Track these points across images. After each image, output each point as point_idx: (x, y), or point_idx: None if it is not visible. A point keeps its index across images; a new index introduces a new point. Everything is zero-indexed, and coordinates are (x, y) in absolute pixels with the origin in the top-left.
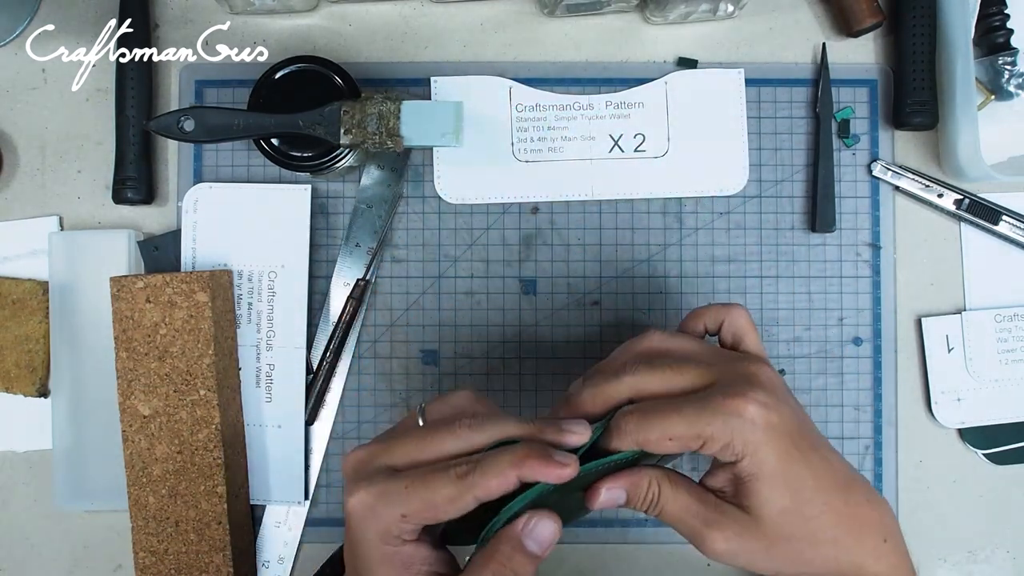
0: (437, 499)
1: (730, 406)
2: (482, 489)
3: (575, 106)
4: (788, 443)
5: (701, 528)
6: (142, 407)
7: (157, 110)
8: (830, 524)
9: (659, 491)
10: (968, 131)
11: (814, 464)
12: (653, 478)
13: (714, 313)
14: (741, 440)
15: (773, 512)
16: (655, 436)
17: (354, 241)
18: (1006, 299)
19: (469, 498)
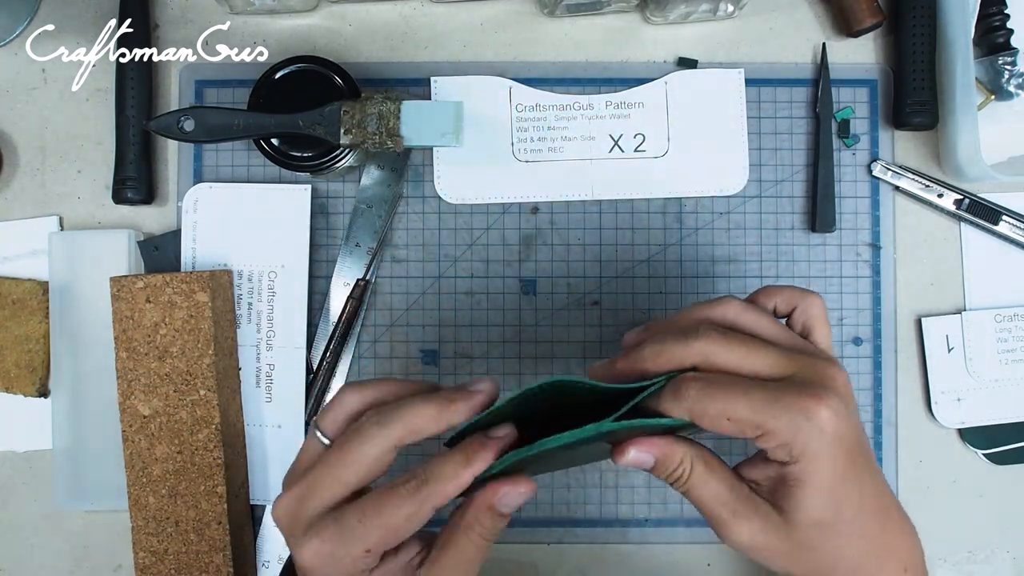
0: (396, 521)
1: (803, 405)
2: (440, 497)
3: (575, 106)
4: (847, 459)
5: (728, 517)
6: (142, 407)
7: (157, 110)
8: (859, 548)
9: (690, 469)
10: (968, 131)
11: (864, 485)
12: (688, 454)
13: (788, 296)
14: (803, 443)
15: (809, 522)
16: (714, 411)
17: (354, 241)
18: (1006, 299)
19: (428, 509)
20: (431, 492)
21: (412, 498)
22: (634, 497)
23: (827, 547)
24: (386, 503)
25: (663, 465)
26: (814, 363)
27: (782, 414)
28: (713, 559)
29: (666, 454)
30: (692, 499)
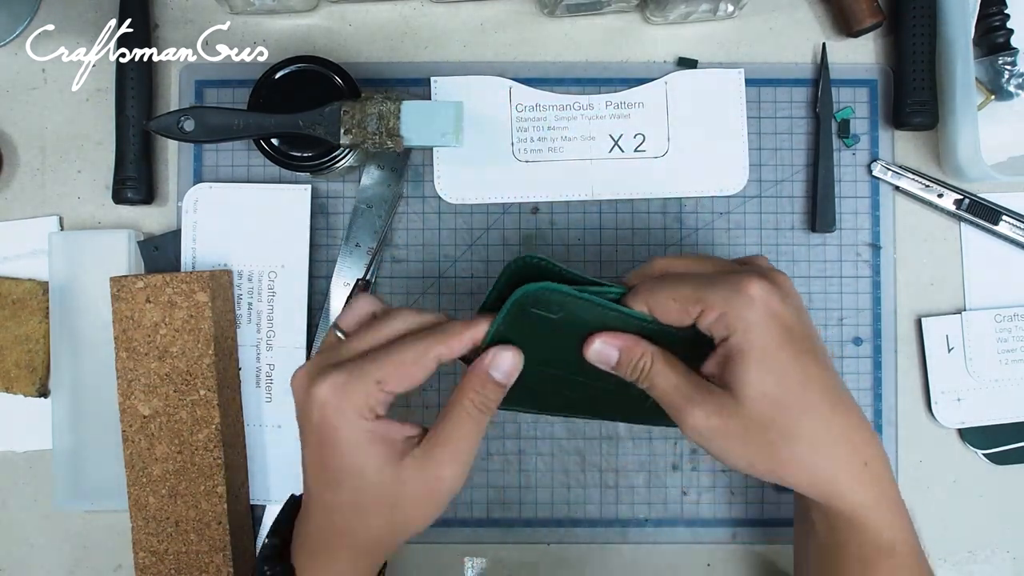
0: (405, 359)
1: (735, 281)
2: (444, 347)
3: (575, 106)
4: (784, 334)
5: (683, 403)
6: (142, 407)
7: (157, 110)
8: (809, 424)
9: (650, 363)
10: (968, 131)
11: (807, 365)
12: (648, 350)
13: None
14: (737, 314)
15: (754, 393)
16: (662, 296)
17: (354, 241)
18: (1006, 299)
19: (432, 356)
20: (435, 340)
21: (419, 344)
22: (634, 497)
23: (778, 422)
24: (396, 345)
25: (627, 358)
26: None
27: (718, 289)
28: (713, 559)
29: (629, 347)
30: (654, 391)
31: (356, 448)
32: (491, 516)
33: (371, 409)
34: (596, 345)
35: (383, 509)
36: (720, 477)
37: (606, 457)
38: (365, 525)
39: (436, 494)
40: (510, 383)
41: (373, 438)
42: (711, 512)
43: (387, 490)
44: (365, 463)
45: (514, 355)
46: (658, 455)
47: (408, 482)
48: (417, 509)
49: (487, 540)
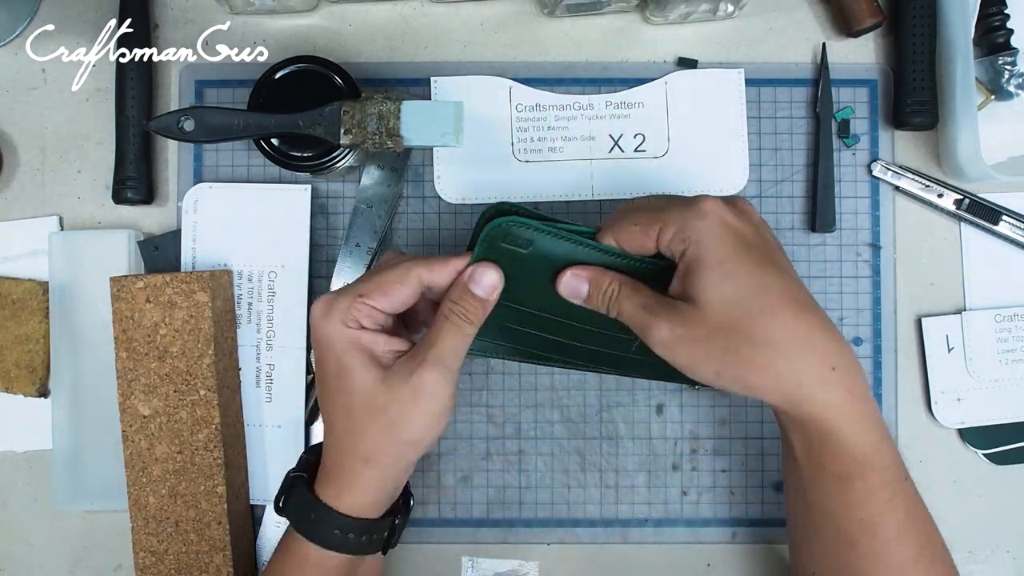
0: (388, 277)
1: (691, 201)
2: (426, 269)
3: (575, 106)
4: (740, 244)
5: (649, 319)
6: (142, 407)
7: (157, 110)
8: (772, 328)
9: (618, 290)
10: (968, 131)
11: (766, 273)
12: (614, 278)
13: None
14: (693, 227)
15: (714, 299)
16: (627, 223)
17: (354, 241)
18: (1006, 299)
19: (414, 275)
20: (417, 263)
21: (401, 265)
22: (634, 497)
23: (740, 325)
24: (380, 268)
25: (595, 287)
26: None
27: (674, 209)
28: (713, 559)
29: (597, 277)
30: (623, 314)
31: (341, 353)
32: (491, 516)
33: (354, 319)
34: (566, 278)
35: (374, 414)
36: (720, 477)
37: (606, 457)
38: (361, 432)
39: (422, 398)
40: (490, 299)
41: (356, 346)
42: (711, 512)
43: (373, 394)
44: (351, 367)
45: (495, 272)
46: (658, 455)
47: (394, 387)
48: (406, 416)
49: (487, 540)
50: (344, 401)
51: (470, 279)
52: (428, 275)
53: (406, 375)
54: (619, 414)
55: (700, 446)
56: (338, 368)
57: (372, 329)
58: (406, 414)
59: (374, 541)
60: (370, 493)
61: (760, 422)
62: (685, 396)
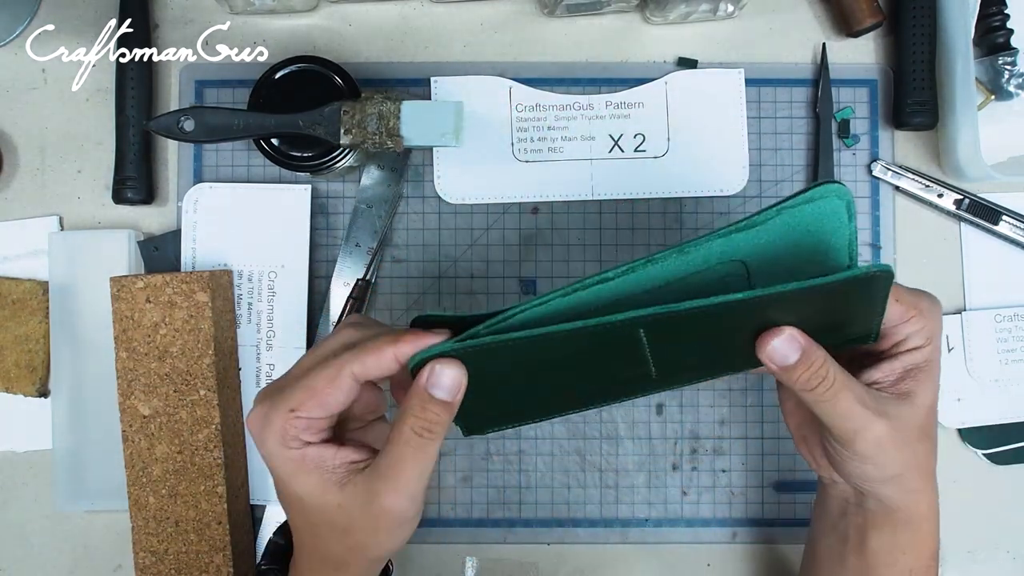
0: (317, 383)
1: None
2: (358, 364)
3: (575, 106)
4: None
5: (871, 416)
6: (142, 407)
7: (157, 110)
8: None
9: (833, 376)
10: (968, 131)
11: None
12: (827, 359)
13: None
14: (934, 325)
15: (928, 403)
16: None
17: (354, 241)
18: (1006, 299)
19: (346, 375)
20: (349, 358)
21: (332, 363)
22: (634, 497)
23: (931, 432)
24: (314, 369)
25: (806, 360)
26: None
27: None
28: (713, 559)
29: (811, 349)
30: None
31: (290, 476)
32: (491, 516)
33: (294, 437)
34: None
35: (335, 533)
36: (720, 477)
37: (606, 457)
38: (325, 546)
39: (387, 524)
40: (455, 400)
41: (303, 466)
42: (711, 512)
43: (332, 516)
44: (302, 491)
45: (455, 368)
46: (658, 455)
47: (353, 512)
48: (371, 536)
49: (487, 540)
50: (304, 519)
51: (428, 383)
52: (362, 371)
53: (365, 502)
54: (619, 414)
55: (700, 446)
56: (289, 492)
57: (317, 442)
58: (369, 538)
59: None
60: None
61: (760, 422)
62: (685, 396)
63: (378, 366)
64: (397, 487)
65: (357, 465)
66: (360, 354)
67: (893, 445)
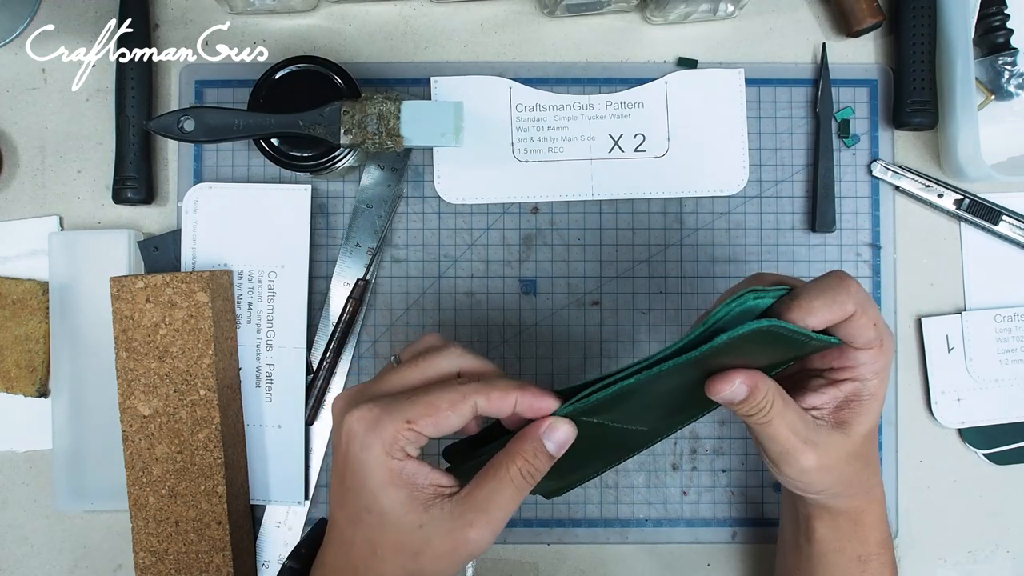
0: (440, 403)
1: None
2: (483, 398)
3: (575, 106)
4: None
5: (799, 445)
6: (142, 407)
7: (157, 110)
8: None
9: (772, 403)
10: (968, 131)
11: None
12: (771, 387)
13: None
14: (886, 362)
15: (864, 431)
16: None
17: (354, 241)
18: (1006, 299)
19: (470, 404)
20: (476, 389)
21: (458, 389)
22: (634, 497)
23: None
24: (435, 388)
25: (754, 395)
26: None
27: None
28: (713, 559)
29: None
30: (767, 432)
31: (379, 486)
32: None
33: (400, 448)
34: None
35: (401, 556)
36: (720, 477)
37: None
38: (379, 567)
39: (463, 554)
40: (558, 455)
41: (398, 479)
42: (711, 512)
43: (406, 537)
44: (387, 503)
45: (570, 428)
46: (658, 455)
47: (432, 536)
48: (437, 564)
49: None
50: (371, 536)
51: (545, 434)
52: (485, 406)
53: (449, 528)
54: None
55: (700, 446)
56: (370, 502)
57: (415, 457)
58: (440, 565)
59: None
60: None
61: None
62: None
63: (499, 408)
64: (489, 521)
65: (443, 490)
66: (486, 390)
67: (819, 470)
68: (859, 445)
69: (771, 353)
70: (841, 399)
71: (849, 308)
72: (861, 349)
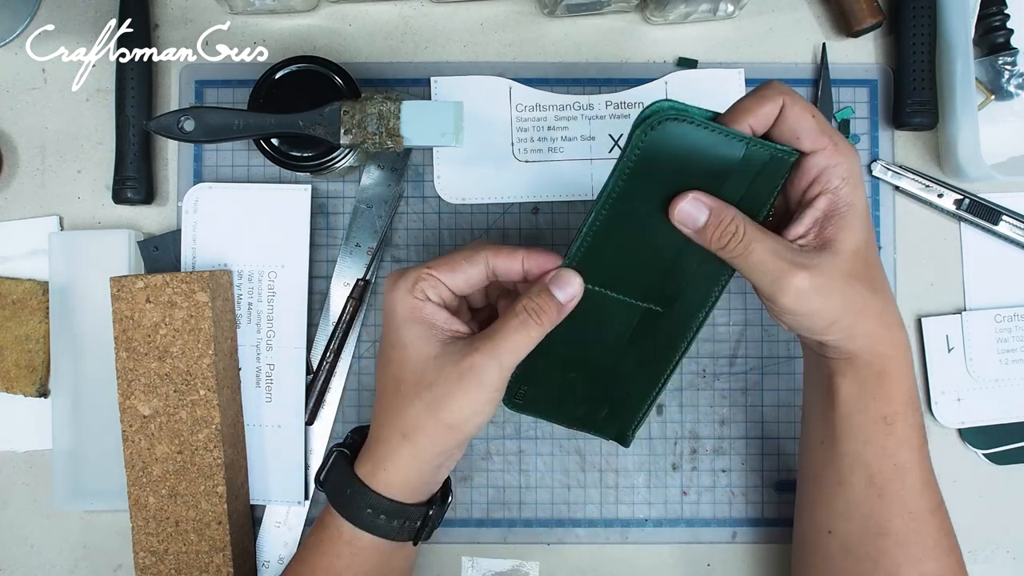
0: (456, 258)
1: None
2: (492, 253)
3: (575, 106)
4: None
5: (787, 268)
6: (142, 407)
7: (157, 110)
8: (881, 277)
9: (743, 230)
10: (968, 131)
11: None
12: (738, 215)
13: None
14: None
15: (851, 248)
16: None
17: (354, 241)
18: (1006, 299)
19: (481, 257)
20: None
21: (472, 246)
22: (634, 497)
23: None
24: (453, 251)
25: (716, 219)
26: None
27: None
28: (713, 559)
29: (720, 208)
30: (751, 262)
31: (402, 321)
32: (491, 516)
33: (420, 290)
34: (686, 202)
35: (418, 387)
36: (720, 477)
37: (606, 457)
38: (404, 406)
39: (469, 381)
40: (566, 308)
41: (419, 315)
42: (711, 512)
43: (423, 369)
44: (408, 337)
45: (578, 281)
46: (658, 455)
47: (444, 365)
48: (450, 396)
49: (487, 540)
50: (395, 372)
51: (553, 280)
52: (494, 259)
53: (458, 357)
54: None
55: (700, 446)
56: (396, 337)
57: (435, 302)
58: (450, 394)
59: (405, 528)
60: (404, 472)
61: (760, 422)
62: (685, 396)
63: (508, 265)
64: (492, 349)
65: (461, 334)
66: (496, 248)
67: (817, 293)
68: (851, 262)
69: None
70: (820, 218)
71: (777, 99)
72: (814, 152)
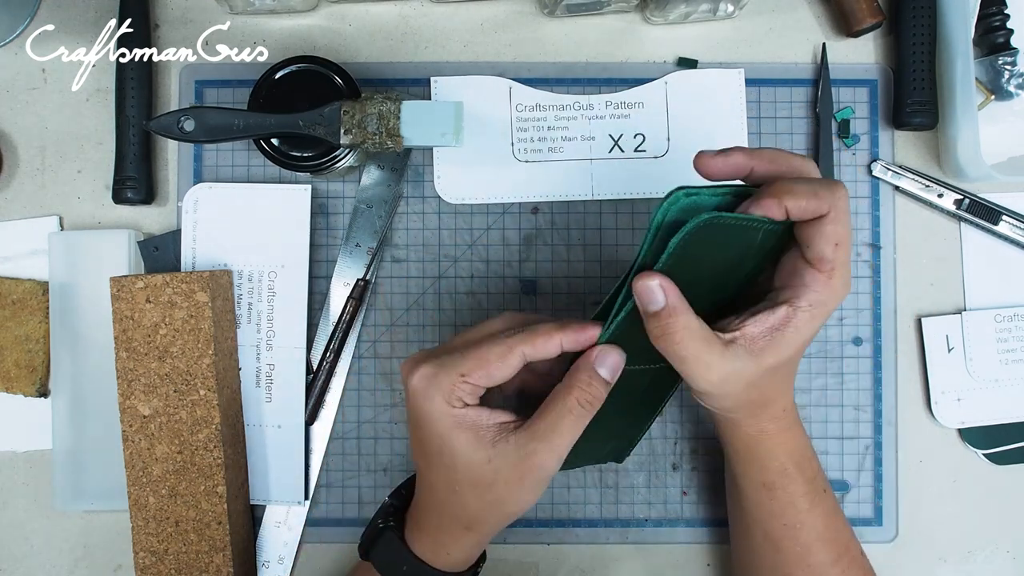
0: (490, 356)
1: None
2: (528, 346)
3: (575, 106)
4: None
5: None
6: (142, 407)
7: (157, 110)
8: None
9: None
10: (968, 131)
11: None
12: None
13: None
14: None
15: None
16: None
17: (354, 241)
18: (1006, 299)
19: (517, 353)
20: (521, 339)
21: (505, 342)
22: (634, 497)
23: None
24: (484, 342)
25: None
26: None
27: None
28: (713, 559)
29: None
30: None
31: (445, 433)
32: None
33: (458, 398)
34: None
35: (476, 489)
36: (720, 477)
37: None
38: (461, 502)
39: (532, 480)
40: (614, 381)
41: (459, 424)
42: (711, 512)
43: (478, 471)
44: (456, 445)
45: (619, 353)
46: (658, 455)
47: (501, 468)
48: (511, 492)
49: None
50: (447, 476)
51: (599, 362)
52: (532, 353)
53: (518, 458)
54: None
55: (700, 446)
56: (440, 446)
57: (474, 404)
58: (513, 492)
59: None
60: (467, 553)
61: None
62: (685, 396)
63: (545, 350)
64: (551, 448)
65: (508, 426)
66: (530, 337)
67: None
68: (759, 377)
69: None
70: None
71: (824, 207)
72: (810, 266)
